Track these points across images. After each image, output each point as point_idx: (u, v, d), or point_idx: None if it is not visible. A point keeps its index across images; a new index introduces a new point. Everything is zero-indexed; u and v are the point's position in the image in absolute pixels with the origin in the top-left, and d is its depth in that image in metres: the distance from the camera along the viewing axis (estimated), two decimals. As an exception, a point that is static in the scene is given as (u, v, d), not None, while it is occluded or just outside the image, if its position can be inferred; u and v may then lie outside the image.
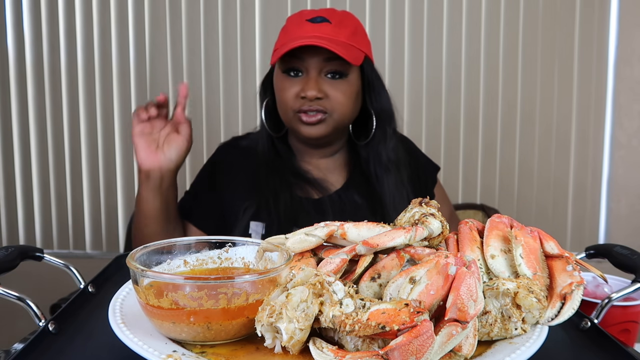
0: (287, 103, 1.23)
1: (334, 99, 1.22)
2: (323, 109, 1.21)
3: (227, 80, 2.36)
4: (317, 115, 1.21)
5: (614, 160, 2.41)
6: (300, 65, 1.22)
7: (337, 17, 1.24)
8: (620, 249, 0.84)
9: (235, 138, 1.44)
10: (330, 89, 1.22)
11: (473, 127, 2.40)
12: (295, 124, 1.25)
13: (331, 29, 1.21)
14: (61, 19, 2.35)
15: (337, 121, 1.24)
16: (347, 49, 1.20)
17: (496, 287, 0.63)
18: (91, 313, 0.75)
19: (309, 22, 1.23)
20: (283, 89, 1.24)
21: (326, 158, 1.35)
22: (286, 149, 1.35)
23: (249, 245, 0.76)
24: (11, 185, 2.43)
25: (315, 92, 1.19)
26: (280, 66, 1.25)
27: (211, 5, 2.33)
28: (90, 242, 2.45)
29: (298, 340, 0.58)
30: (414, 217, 0.72)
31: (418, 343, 0.52)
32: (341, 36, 1.21)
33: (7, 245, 0.81)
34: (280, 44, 1.25)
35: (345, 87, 1.23)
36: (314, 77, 1.21)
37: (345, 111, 1.24)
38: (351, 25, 1.25)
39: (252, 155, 1.34)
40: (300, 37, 1.20)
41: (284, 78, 1.24)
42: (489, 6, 2.34)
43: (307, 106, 1.21)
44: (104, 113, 2.39)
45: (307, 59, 1.21)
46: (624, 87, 2.37)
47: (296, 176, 1.31)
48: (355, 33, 1.24)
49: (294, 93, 1.22)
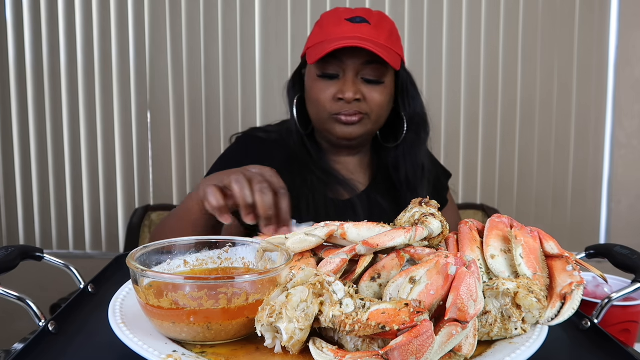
0: (323, 105, 1.21)
1: (372, 101, 1.20)
2: (362, 111, 1.20)
3: (227, 80, 2.36)
4: (357, 115, 1.19)
5: (614, 160, 2.41)
6: (338, 66, 1.19)
7: (375, 17, 1.21)
8: (620, 249, 0.84)
9: (254, 129, 1.40)
10: (368, 91, 1.19)
11: (473, 127, 2.40)
12: (330, 124, 1.22)
13: (370, 30, 1.18)
14: (61, 19, 2.35)
15: (374, 123, 1.23)
16: (387, 52, 1.17)
17: (496, 287, 0.63)
18: (91, 313, 0.75)
19: (348, 22, 1.19)
20: (318, 90, 1.21)
21: (352, 157, 1.33)
22: (316, 147, 1.32)
23: (249, 245, 0.76)
24: (11, 185, 2.43)
25: (353, 94, 1.17)
26: (316, 66, 1.21)
27: (211, 5, 2.33)
28: (90, 242, 2.45)
29: (298, 340, 0.58)
30: (414, 217, 0.72)
31: (418, 343, 0.52)
32: (381, 38, 1.18)
33: (7, 245, 0.80)
34: (316, 40, 1.21)
35: (381, 90, 1.21)
36: (351, 78, 1.18)
37: (382, 114, 1.23)
38: (388, 26, 1.22)
39: (276, 148, 1.30)
40: (340, 36, 1.16)
41: (318, 79, 1.21)
42: (489, 6, 2.34)
43: (345, 109, 1.19)
44: (104, 113, 2.39)
45: (346, 61, 1.18)
46: (624, 87, 2.37)
47: (328, 176, 1.28)
48: (392, 35, 1.22)
49: (330, 95, 1.19)
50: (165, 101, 2.38)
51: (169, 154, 2.40)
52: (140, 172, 2.42)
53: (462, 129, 2.40)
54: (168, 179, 2.41)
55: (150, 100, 2.38)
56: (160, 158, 2.41)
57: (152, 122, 2.40)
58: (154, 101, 2.39)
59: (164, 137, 2.40)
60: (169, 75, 2.37)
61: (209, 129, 2.38)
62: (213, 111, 2.38)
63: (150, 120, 2.40)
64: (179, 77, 2.37)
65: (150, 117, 2.39)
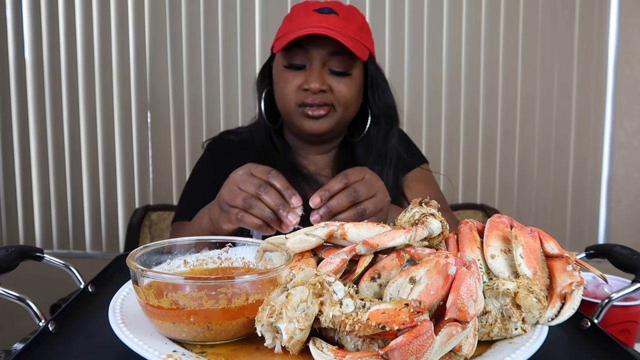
0: (288, 95, 1.19)
1: (339, 92, 1.17)
2: (328, 102, 1.17)
3: (227, 79, 2.36)
4: (323, 107, 1.17)
5: (614, 160, 2.41)
6: (304, 56, 1.17)
7: (345, 10, 1.20)
8: (620, 249, 0.84)
9: (224, 132, 1.39)
10: (334, 83, 1.17)
11: (473, 126, 2.40)
12: (297, 118, 1.20)
13: (339, 21, 1.17)
14: (61, 19, 2.35)
15: (341, 116, 1.21)
16: (355, 43, 1.16)
17: (496, 287, 0.63)
18: (91, 313, 0.75)
19: (316, 12, 1.18)
20: (285, 81, 1.19)
21: (322, 155, 1.31)
22: (283, 143, 1.30)
23: (249, 245, 0.76)
24: (11, 185, 2.43)
25: (319, 85, 1.15)
26: (282, 56, 1.19)
27: (211, 5, 2.33)
28: (90, 242, 2.45)
29: (298, 340, 0.58)
30: (414, 217, 0.72)
31: (418, 343, 0.52)
32: (349, 30, 1.17)
33: (7, 246, 0.81)
34: (284, 31, 1.20)
35: (348, 82, 1.19)
36: (317, 69, 1.16)
37: (349, 106, 1.20)
38: (358, 20, 1.21)
39: (244, 148, 1.29)
40: (307, 26, 1.15)
41: (285, 69, 1.19)
42: (489, 6, 2.34)
43: (310, 99, 1.17)
44: (104, 113, 2.39)
45: (312, 51, 1.16)
46: (624, 87, 2.37)
47: (294, 171, 1.25)
48: (362, 28, 1.21)
49: (296, 85, 1.17)
50: (165, 101, 2.38)
51: (169, 154, 2.40)
52: (140, 172, 2.42)
53: (462, 129, 2.40)
54: (168, 179, 2.41)
55: (150, 100, 2.38)
56: (160, 158, 2.41)
57: (152, 122, 2.40)
58: (154, 101, 2.39)
59: (164, 137, 2.40)
60: (169, 75, 2.37)
61: (209, 129, 2.38)
62: (213, 111, 2.38)
63: (150, 120, 2.40)
64: (179, 77, 2.37)
65: (150, 117, 2.39)
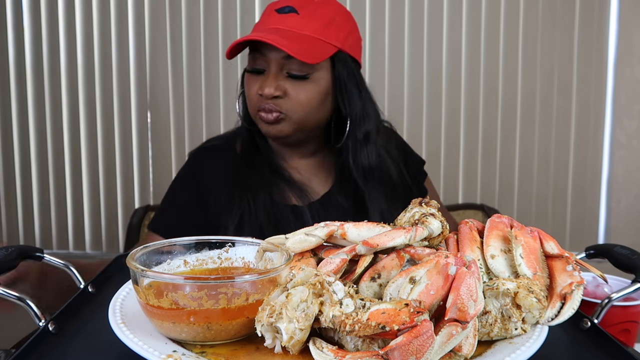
0: (251, 100, 1.16)
1: (294, 98, 1.12)
2: (279, 108, 1.12)
3: (227, 79, 2.36)
4: (273, 113, 1.12)
5: (614, 160, 2.41)
6: (264, 60, 1.13)
7: (310, 7, 1.13)
8: (620, 249, 0.84)
9: (207, 141, 1.36)
10: (291, 87, 1.12)
11: (473, 127, 2.40)
12: (258, 122, 1.17)
13: (297, 20, 1.11)
14: (61, 19, 2.34)
15: (298, 123, 1.14)
16: (310, 45, 1.09)
17: (496, 287, 0.63)
18: (91, 313, 0.75)
19: (276, 12, 1.13)
20: (248, 86, 1.16)
21: (306, 159, 1.26)
22: (266, 145, 1.25)
23: (249, 245, 0.76)
24: (11, 185, 2.43)
25: (272, 90, 1.10)
26: (248, 60, 1.17)
27: (211, 5, 2.33)
28: (90, 242, 2.45)
29: (298, 340, 0.58)
30: (414, 217, 0.72)
31: (418, 343, 0.52)
32: (307, 29, 1.10)
33: (7, 245, 0.80)
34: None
35: (308, 86, 1.12)
36: (273, 74, 1.11)
37: (306, 112, 1.14)
38: (326, 15, 1.13)
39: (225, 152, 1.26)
40: (264, 28, 1.11)
41: (248, 74, 1.17)
42: (489, 6, 2.34)
43: (264, 105, 1.12)
44: (104, 113, 2.39)
45: (268, 54, 1.11)
46: (624, 87, 2.37)
47: (274, 174, 1.21)
48: (330, 25, 1.13)
49: (255, 90, 1.14)
50: (165, 101, 2.38)
51: (169, 154, 2.40)
52: (140, 172, 2.41)
53: (462, 129, 2.40)
54: (168, 179, 2.40)
55: (150, 100, 2.38)
56: (160, 158, 2.40)
57: (152, 122, 2.40)
58: (154, 101, 2.38)
59: (164, 137, 2.40)
60: (169, 75, 2.37)
61: (209, 129, 2.37)
62: (213, 111, 2.38)
63: (150, 121, 2.40)
64: (179, 77, 2.37)
65: (150, 117, 2.39)
